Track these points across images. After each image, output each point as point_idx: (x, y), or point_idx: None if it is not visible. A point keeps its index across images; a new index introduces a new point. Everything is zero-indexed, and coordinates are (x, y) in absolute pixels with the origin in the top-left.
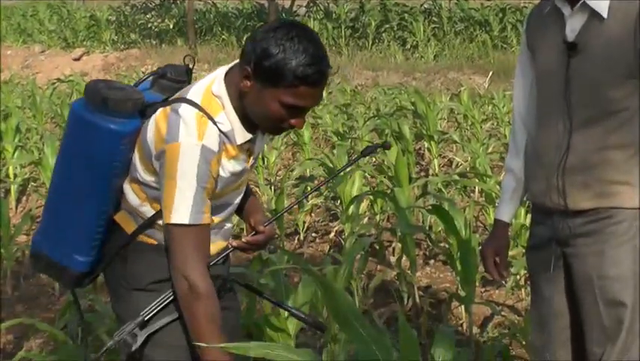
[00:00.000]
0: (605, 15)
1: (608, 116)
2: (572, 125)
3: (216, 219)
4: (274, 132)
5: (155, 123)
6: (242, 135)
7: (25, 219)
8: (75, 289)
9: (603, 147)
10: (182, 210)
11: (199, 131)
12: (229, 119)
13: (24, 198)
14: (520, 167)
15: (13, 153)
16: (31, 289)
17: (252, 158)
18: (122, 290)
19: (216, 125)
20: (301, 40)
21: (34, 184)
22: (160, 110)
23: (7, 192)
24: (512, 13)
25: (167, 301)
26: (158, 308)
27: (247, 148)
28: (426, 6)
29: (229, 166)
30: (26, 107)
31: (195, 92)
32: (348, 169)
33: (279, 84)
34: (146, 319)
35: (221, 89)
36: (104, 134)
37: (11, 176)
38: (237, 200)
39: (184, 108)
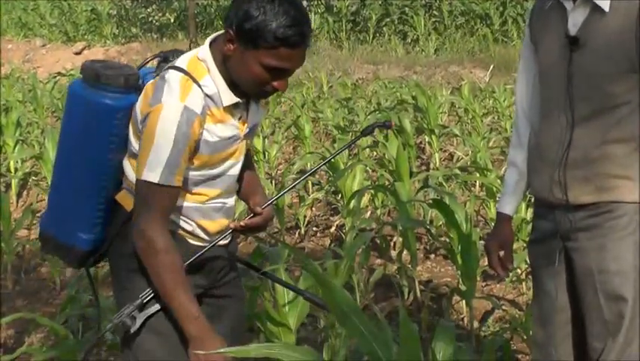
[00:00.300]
0: (606, 9)
1: (609, 111)
2: (574, 119)
3: (215, 191)
4: (259, 96)
5: (144, 91)
6: (228, 98)
7: (26, 214)
8: (88, 269)
9: (604, 141)
10: (155, 168)
11: (182, 92)
12: (214, 81)
13: (25, 192)
14: (523, 160)
15: (14, 147)
16: (32, 283)
17: (245, 126)
18: (122, 273)
19: (201, 88)
20: (282, 2)
21: (35, 178)
22: (150, 80)
23: (8, 186)
24: (513, 7)
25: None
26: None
27: (239, 116)
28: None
29: (217, 130)
30: (27, 101)
31: (183, 59)
32: (347, 149)
33: (259, 46)
34: (144, 302)
35: (206, 53)
36: (98, 108)
37: (12, 170)
38: (235, 171)
39: (170, 73)
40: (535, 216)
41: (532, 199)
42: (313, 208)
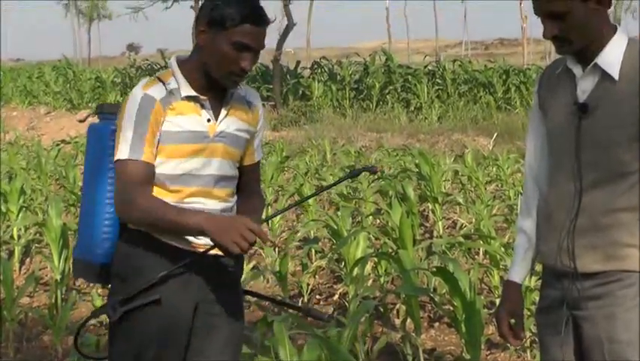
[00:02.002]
0: (616, 77)
1: (618, 178)
2: (583, 186)
3: (190, 188)
4: (228, 79)
5: None
6: (187, 90)
7: (28, 281)
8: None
9: (613, 209)
10: (122, 147)
11: (145, 85)
12: (176, 78)
13: (28, 259)
14: (532, 227)
15: (18, 214)
16: (34, 351)
17: (216, 129)
18: (116, 280)
19: (165, 85)
20: None
21: (38, 246)
22: None
23: (11, 253)
24: (516, 75)
25: (148, 285)
26: (139, 290)
27: (207, 118)
28: (430, 68)
29: (179, 121)
30: (31, 168)
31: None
32: (329, 189)
33: (227, 26)
34: (127, 297)
35: (172, 62)
36: (95, 132)
37: (15, 237)
38: (210, 171)
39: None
40: (543, 284)
41: (540, 267)
42: (316, 276)
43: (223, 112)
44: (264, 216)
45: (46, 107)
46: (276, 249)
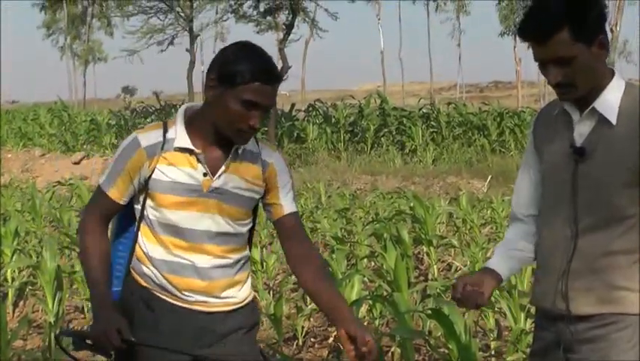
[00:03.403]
0: (614, 122)
1: (615, 222)
2: (579, 229)
3: (180, 242)
4: (237, 136)
5: None
6: (181, 142)
7: (22, 324)
8: None
9: (608, 251)
10: (102, 175)
11: (144, 129)
12: (176, 129)
13: (21, 302)
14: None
15: (12, 256)
16: None
17: (211, 185)
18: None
19: (166, 132)
20: (252, 49)
21: (32, 288)
22: None
23: (5, 296)
24: (510, 118)
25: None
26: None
27: (204, 172)
28: (424, 110)
29: (168, 172)
30: (26, 210)
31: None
32: None
33: (237, 83)
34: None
35: (180, 111)
36: None
37: (9, 279)
38: (203, 227)
39: None
40: (536, 326)
41: (533, 309)
42: (311, 319)
43: (222, 167)
44: None
45: (41, 150)
46: (271, 291)
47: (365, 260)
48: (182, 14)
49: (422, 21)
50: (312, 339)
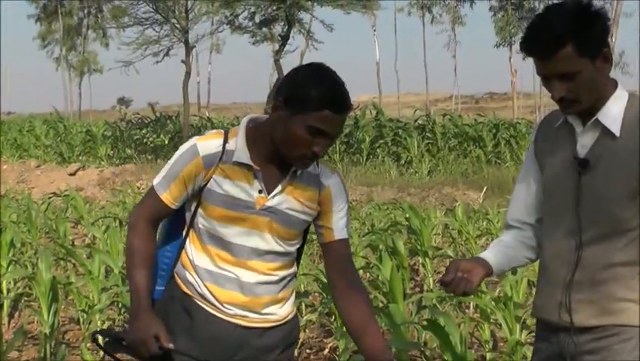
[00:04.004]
0: (617, 133)
1: (618, 234)
2: (582, 241)
3: (226, 255)
4: (298, 161)
5: None
6: (240, 156)
7: (17, 335)
8: None
9: (611, 263)
10: (158, 177)
11: (204, 136)
12: (236, 141)
13: (17, 313)
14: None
15: (7, 267)
16: None
17: (265, 203)
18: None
19: (226, 142)
20: (325, 74)
21: (27, 299)
22: None
23: (0, 307)
24: (506, 129)
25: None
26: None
27: (259, 189)
28: (420, 122)
29: (223, 184)
30: (21, 221)
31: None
32: None
33: (306, 109)
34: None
35: (243, 122)
36: None
37: (4, 291)
38: (249, 243)
39: None
40: (537, 338)
41: (529, 321)
42: (307, 330)
43: (279, 187)
44: None
45: (37, 161)
46: None
47: (361, 271)
48: (177, 26)
49: (418, 32)
50: (307, 350)
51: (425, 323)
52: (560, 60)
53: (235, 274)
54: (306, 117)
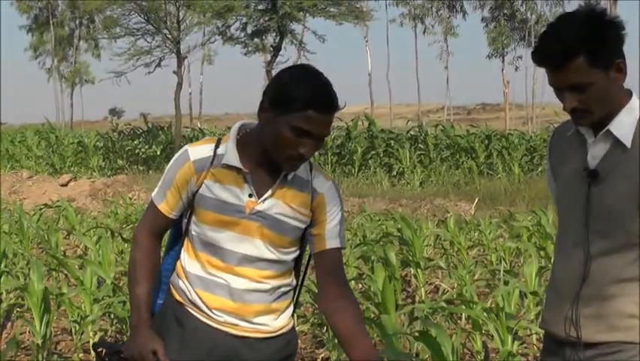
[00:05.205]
0: (628, 145)
1: (627, 248)
2: (590, 254)
3: (216, 261)
4: (286, 162)
5: None
6: (229, 159)
7: (9, 346)
8: None
9: (619, 278)
10: (155, 189)
11: (197, 142)
12: (227, 145)
13: (9, 324)
14: None
15: (0, 278)
16: None
17: (255, 207)
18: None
19: (217, 146)
20: (310, 74)
21: (20, 310)
22: None
23: None
24: (498, 140)
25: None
26: None
27: (249, 193)
28: (412, 132)
29: (214, 188)
30: (13, 232)
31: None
32: None
33: (290, 110)
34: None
35: (234, 127)
36: None
37: None
38: (239, 250)
39: None
40: (544, 350)
41: (521, 332)
42: (298, 341)
43: (269, 192)
44: None
45: (29, 172)
46: None
47: (352, 282)
48: (169, 36)
49: (410, 43)
50: None
51: (417, 333)
52: (572, 71)
53: (225, 280)
54: (291, 118)
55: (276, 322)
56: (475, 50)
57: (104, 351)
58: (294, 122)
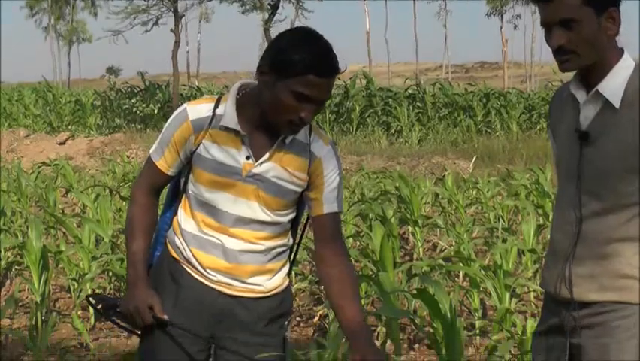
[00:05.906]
0: (617, 105)
1: (619, 209)
2: (583, 214)
3: (210, 220)
4: (286, 127)
5: None
6: (227, 121)
7: (8, 303)
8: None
9: (612, 238)
10: (153, 145)
11: (196, 100)
12: (225, 105)
13: (7, 281)
14: None
15: None
16: None
17: (251, 169)
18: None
19: (217, 106)
20: (310, 37)
21: (18, 268)
22: None
23: None
24: (496, 99)
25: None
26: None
27: (247, 155)
28: (410, 91)
29: (211, 149)
30: (11, 190)
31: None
32: None
33: (290, 74)
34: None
35: (234, 87)
36: None
37: None
38: (233, 211)
39: None
40: (543, 308)
41: (518, 289)
42: (297, 298)
43: (267, 155)
44: None
45: (26, 130)
46: None
47: (350, 240)
48: None
49: (408, 1)
50: (297, 318)
51: (415, 291)
52: (562, 3)
53: (219, 240)
54: (291, 82)
55: (270, 282)
56: (473, 9)
57: (100, 305)
58: (294, 86)
